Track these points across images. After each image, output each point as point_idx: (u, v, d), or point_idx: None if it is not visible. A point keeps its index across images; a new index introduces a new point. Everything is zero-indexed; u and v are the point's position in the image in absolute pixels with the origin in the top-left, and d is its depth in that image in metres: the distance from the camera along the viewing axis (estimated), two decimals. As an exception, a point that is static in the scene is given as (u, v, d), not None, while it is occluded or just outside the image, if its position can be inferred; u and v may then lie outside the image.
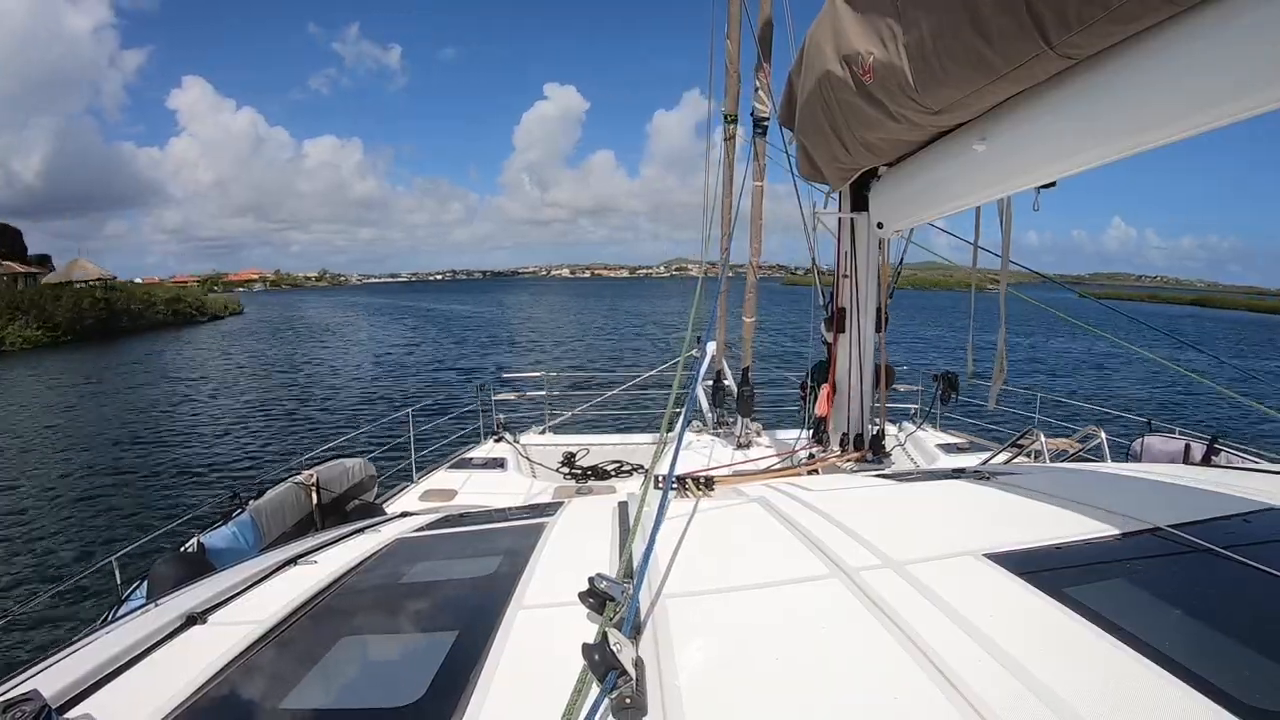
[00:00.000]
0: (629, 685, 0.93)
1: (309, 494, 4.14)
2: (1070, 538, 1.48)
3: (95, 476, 11.92)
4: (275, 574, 1.82)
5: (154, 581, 2.72)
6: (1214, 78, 1.63)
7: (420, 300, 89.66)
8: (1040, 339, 32.95)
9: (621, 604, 1.15)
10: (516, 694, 1.05)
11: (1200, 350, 6.75)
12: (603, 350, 30.72)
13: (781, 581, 1.38)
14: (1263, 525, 1.58)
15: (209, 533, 3.30)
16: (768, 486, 2.16)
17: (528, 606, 1.36)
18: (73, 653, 1.48)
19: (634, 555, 1.44)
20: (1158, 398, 18.33)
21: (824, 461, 4.38)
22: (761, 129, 5.45)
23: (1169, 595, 1.28)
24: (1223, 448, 4.06)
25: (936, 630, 1.09)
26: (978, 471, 2.26)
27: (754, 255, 5.89)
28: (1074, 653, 1.02)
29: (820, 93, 3.27)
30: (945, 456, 5.43)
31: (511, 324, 49.29)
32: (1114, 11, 1.66)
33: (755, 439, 5.94)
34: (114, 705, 1.18)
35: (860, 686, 0.99)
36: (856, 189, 4.09)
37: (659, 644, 1.13)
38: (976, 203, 3.16)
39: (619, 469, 5.79)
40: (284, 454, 12.25)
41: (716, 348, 6.10)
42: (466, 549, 2.00)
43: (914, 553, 1.42)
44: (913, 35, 2.39)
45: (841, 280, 4.36)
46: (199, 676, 1.22)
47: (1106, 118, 1.98)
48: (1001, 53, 2.02)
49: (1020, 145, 2.39)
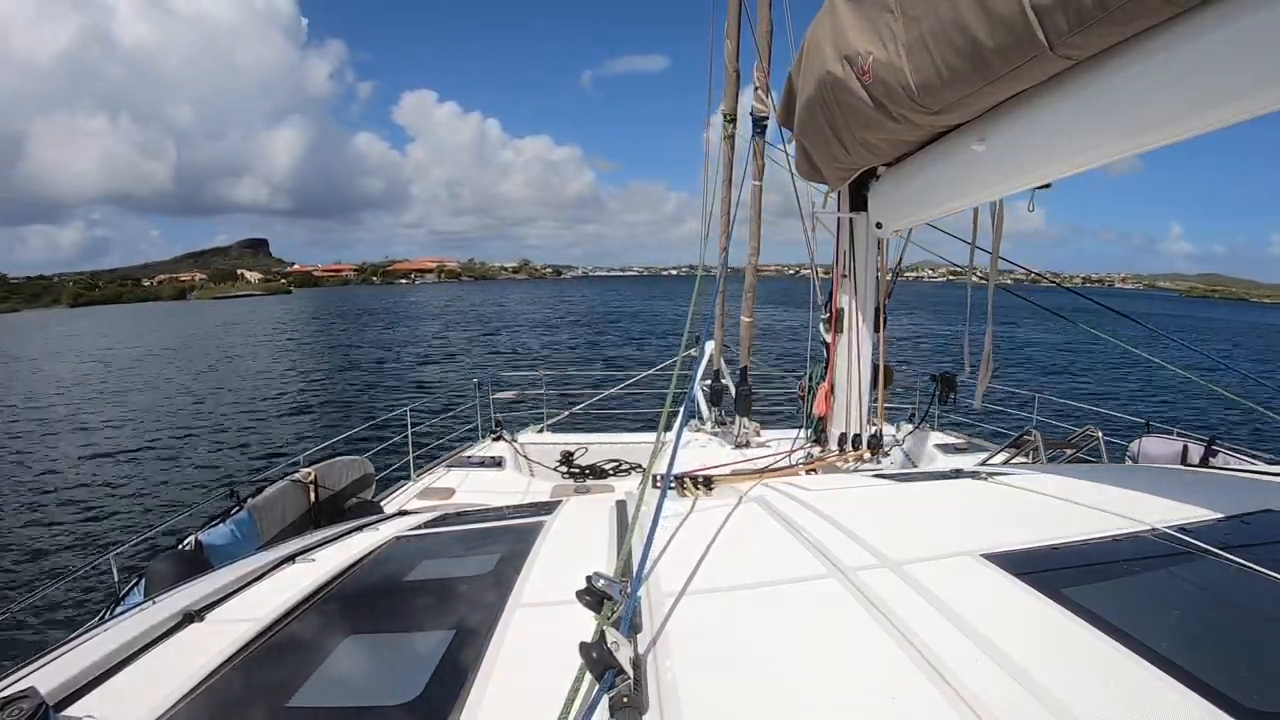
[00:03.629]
0: (626, 684, 0.93)
1: (307, 492, 4.14)
2: (1068, 538, 1.48)
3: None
4: (273, 572, 1.82)
5: (152, 579, 2.72)
6: (1213, 79, 1.63)
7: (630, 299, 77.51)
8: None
9: (619, 603, 1.15)
10: (514, 692, 1.05)
11: (1200, 352, 6.74)
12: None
13: (779, 581, 1.38)
14: (1260, 526, 1.58)
15: (207, 530, 3.29)
16: (766, 486, 2.16)
17: (526, 605, 1.36)
18: (70, 650, 1.48)
19: (632, 554, 1.44)
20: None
21: (822, 461, 4.38)
22: (760, 129, 5.45)
23: (1166, 596, 1.28)
24: (1220, 449, 4.07)
25: (934, 630, 1.10)
26: (976, 472, 2.26)
27: (752, 255, 5.90)
28: (1071, 653, 1.02)
29: (820, 92, 3.27)
30: (943, 457, 5.43)
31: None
32: (1113, 13, 1.66)
33: (754, 438, 5.94)
34: (112, 703, 1.18)
35: (857, 686, 1.00)
36: (855, 189, 4.09)
37: (656, 643, 1.13)
38: (975, 203, 3.16)
39: (617, 468, 5.79)
40: (282, 452, 12.25)
41: (715, 347, 6.10)
42: (464, 547, 2.00)
43: (912, 553, 1.42)
44: (912, 35, 2.39)
45: (840, 280, 4.37)
46: (197, 674, 1.22)
47: (1105, 118, 1.98)
48: (1001, 53, 2.02)
49: (1019, 146, 2.40)
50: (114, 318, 77.91)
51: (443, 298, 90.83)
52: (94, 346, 38.07)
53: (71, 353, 35.15)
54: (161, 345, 37.01)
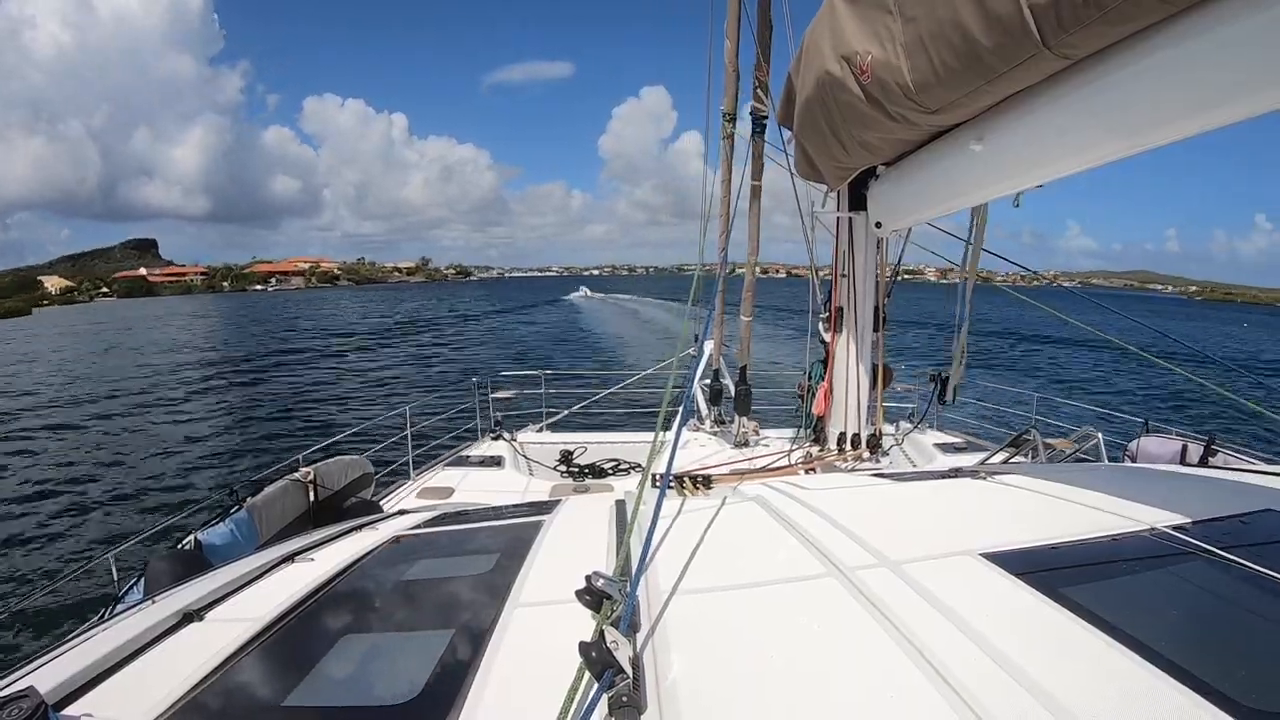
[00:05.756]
0: (625, 683, 0.93)
1: (306, 491, 4.13)
2: (1066, 538, 1.48)
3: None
4: (272, 571, 1.82)
5: (151, 578, 2.71)
6: (1211, 79, 1.63)
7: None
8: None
9: (618, 602, 1.15)
10: (513, 692, 1.05)
11: (1202, 353, 6.76)
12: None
13: (778, 580, 1.38)
14: (1259, 526, 1.59)
15: (206, 530, 3.29)
16: (765, 485, 2.16)
17: (525, 604, 1.36)
18: (69, 649, 1.48)
19: (631, 553, 1.44)
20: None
21: (821, 460, 4.38)
22: (760, 128, 5.45)
23: (1165, 595, 1.29)
24: (1220, 449, 4.06)
25: (932, 629, 1.10)
26: (975, 471, 2.26)
27: (751, 254, 5.89)
28: (1069, 652, 1.03)
29: (818, 92, 3.27)
30: (942, 456, 5.43)
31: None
32: (1109, 12, 1.66)
33: (753, 438, 5.94)
34: (111, 702, 1.18)
35: (856, 685, 1.00)
36: (855, 188, 4.09)
37: (655, 642, 1.13)
38: (974, 202, 3.17)
39: (616, 467, 5.78)
40: (282, 451, 12.24)
41: (714, 346, 6.10)
42: (464, 547, 2.00)
43: (910, 552, 1.42)
44: (910, 35, 2.39)
45: (839, 280, 4.37)
46: (196, 673, 1.22)
47: (1103, 118, 1.98)
48: (998, 52, 2.03)
49: (1017, 146, 2.40)
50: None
51: (266, 306, 77.07)
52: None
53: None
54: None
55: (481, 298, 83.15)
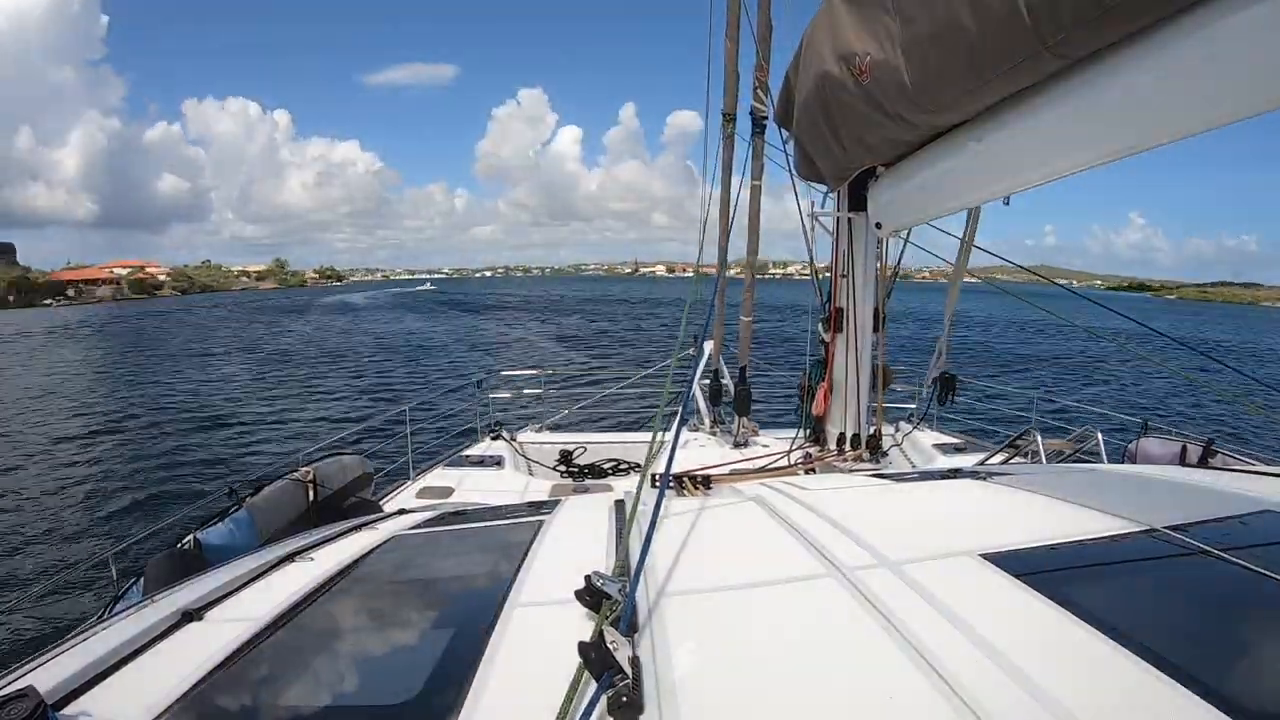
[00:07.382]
0: (625, 684, 0.94)
1: (306, 491, 4.12)
2: (1066, 538, 1.48)
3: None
4: (272, 571, 1.81)
5: (150, 578, 2.71)
6: (1211, 79, 1.63)
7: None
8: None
9: (618, 602, 1.15)
10: (512, 692, 1.05)
11: (1202, 354, 6.75)
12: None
13: (777, 580, 1.38)
14: (1259, 527, 1.58)
15: (205, 529, 3.28)
16: (764, 485, 2.16)
17: (524, 604, 1.36)
18: (69, 649, 1.48)
19: (630, 553, 1.44)
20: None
21: (821, 461, 4.38)
22: (760, 128, 5.45)
23: (1165, 596, 1.29)
24: (1219, 450, 4.06)
25: (932, 630, 1.10)
26: (974, 472, 2.26)
27: (751, 254, 5.89)
28: (1069, 653, 1.02)
29: (818, 92, 3.28)
30: (942, 457, 5.43)
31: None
32: (1109, 11, 1.66)
33: (752, 438, 5.94)
34: (110, 702, 1.18)
35: (856, 686, 1.00)
36: (854, 189, 4.09)
37: (655, 642, 1.13)
38: (974, 203, 3.16)
39: (616, 467, 5.78)
40: (281, 450, 12.23)
41: (714, 346, 6.10)
42: (463, 546, 2.00)
43: (910, 553, 1.42)
44: (909, 35, 2.39)
45: (839, 280, 4.37)
46: (195, 673, 1.22)
47: (1103, 118, 1.98)
48: (996, 52, 2.03)
49: (1017, 145, 2.40)
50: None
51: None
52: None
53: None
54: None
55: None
